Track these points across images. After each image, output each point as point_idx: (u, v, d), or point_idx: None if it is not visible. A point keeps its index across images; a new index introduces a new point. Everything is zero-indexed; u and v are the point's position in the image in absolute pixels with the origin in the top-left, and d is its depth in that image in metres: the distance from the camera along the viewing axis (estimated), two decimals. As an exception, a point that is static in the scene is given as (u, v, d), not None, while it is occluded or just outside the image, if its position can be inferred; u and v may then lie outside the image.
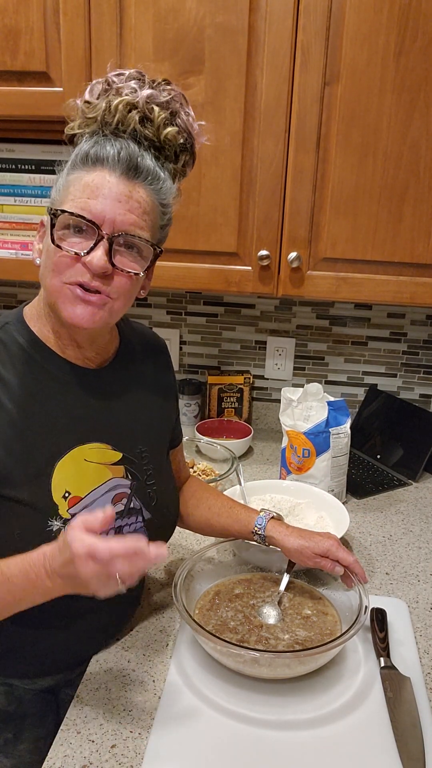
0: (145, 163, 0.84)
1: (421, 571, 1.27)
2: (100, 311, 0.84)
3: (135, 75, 0.87)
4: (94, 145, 0.83)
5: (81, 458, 0.89)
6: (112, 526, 0.91)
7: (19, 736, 0.95)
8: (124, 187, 0.82)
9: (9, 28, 1.34)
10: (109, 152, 0.82)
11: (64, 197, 0.84)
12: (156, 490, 0.98)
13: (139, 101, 0.84)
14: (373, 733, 0.87)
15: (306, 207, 1.39)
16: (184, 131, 0.89)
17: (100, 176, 0.82)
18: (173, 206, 0.91)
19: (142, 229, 0.84)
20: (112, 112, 0.84)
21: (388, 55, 1.27)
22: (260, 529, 1.05)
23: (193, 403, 1.90)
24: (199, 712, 0.89)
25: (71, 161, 0.85)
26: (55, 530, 0.85)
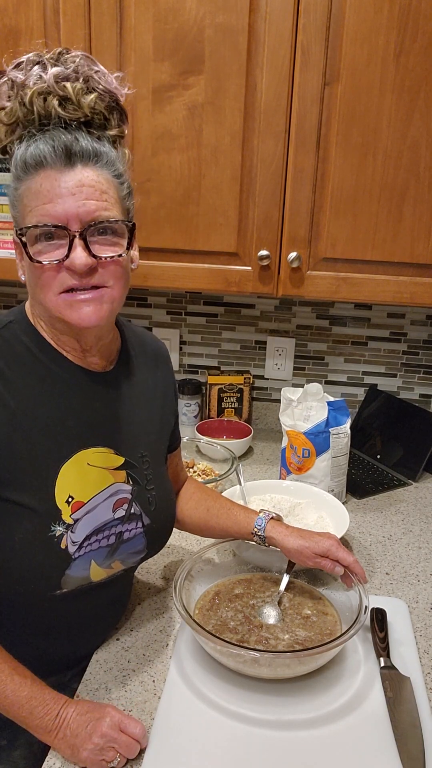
0: (80, 145, 0.80)
1: (421, 571, 1.27)
2: (102, 305, 0.84)
3: (33, 59, 0.83)
4: (27, 149, 0.80)
5: (84, 462, 0.89)
6: (114, 533, 0.91)
7: (14, 742, 0.94)
8: (71, 178, 0.79)
9: (9, 28, 1.34)
10: (44, 150, 0.79)
11: (23, 212, 0.82)
12: (155, 495, 0.98)
13: (49, 85, 0.80)
14: (373, 733, 0.87)
15: (306, 207, 1.39)
16: (104, 92, 0.84)
17: (46, 177, 0.79)
18: (127, 172, 0.88)
19: (107, 210, 0.82)
20: (28, 107, 0.80)
21: (388, 55, 1.27)
22: (260, 530, 1.05)
23: (193, 403, 1.90)
24: (199, 712, 0.89)
25: (13, 174, 0.82)
26: (57, 536, 0.85)
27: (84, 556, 0.87)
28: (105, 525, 0.90)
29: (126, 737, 0.81)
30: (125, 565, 0.94)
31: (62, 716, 0.82)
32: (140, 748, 0.82)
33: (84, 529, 0.87)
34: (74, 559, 0.86)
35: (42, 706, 0.82)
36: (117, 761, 0.80)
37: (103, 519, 0.90)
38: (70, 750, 0.80)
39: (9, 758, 0.95)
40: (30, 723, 0.82)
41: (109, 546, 0.90)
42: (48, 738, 0.82)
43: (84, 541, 0.87)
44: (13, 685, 0.82)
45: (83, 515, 0.87)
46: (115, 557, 0.92)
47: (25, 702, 0.81)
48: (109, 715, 0.82)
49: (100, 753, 0.79)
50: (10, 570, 0.84)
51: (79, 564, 0.87)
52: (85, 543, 0.87)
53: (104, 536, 0.90)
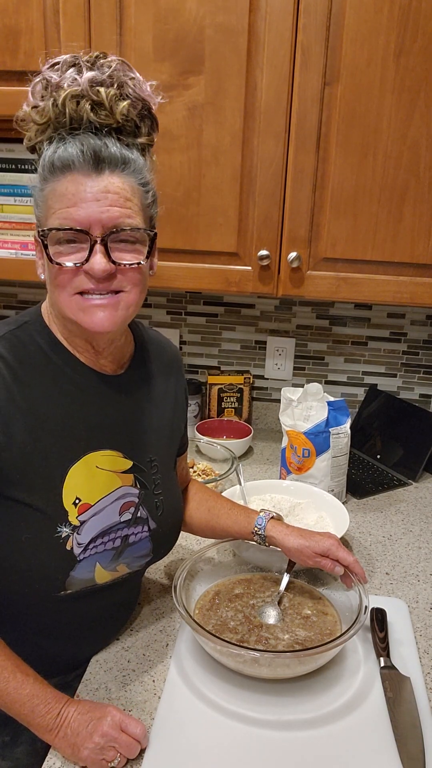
0: (109, 151, 0.80)
1: (421, 571, 1.27)
2: (117, 311, 0.84)
3: (70, 61, 0.83)
4: (56, 151, 0.81)
5: (93, 464, 0.89)
6: (119, 536, 0.92)
7: (17, 738, 0.95)
8: (97, 183, 0.80)
9: (9, 28, 1.34)
10: (72, 154, 0.79)
11: (47, 213, 0.82)
12: (163, 500, 0.98)
13: (83, 88, 0.80)
14: (373, 733, 0.87)
15: (306, 207, 1.39)
16: (137, 99, 0.85)
17: (72, 181, 0.79)
18: (153, 180, 0.89)
19: (130, 217, 0.82)
20: (60, 109, 0.80)
21: (388, 55, 1.27)
22: (260, 530, 1.05)
23: (193, 403, 1.90)
24: (199, 712, 0.89)
25: (40, 174, 0.83)
26: (63, 537, 0.85)
27: (89, 558, 0.87)
28: (111, 528, 0.90)
29: (127, 737, 0.81)
30: (130, 568, 0.94)
31: (63, 715, 0.82)
32: (141, 748, 0.82)
33: (90, 531, 0.87)
34: (79, 561, 0.86)
35: (44, 704, 0.82)
36: (117, 761, 0.80)
37: (109, 522, 0.90)
38: (70, 749, 0.80)
39: (11, 755, 0.95)
40: (31, 721, 0.82)
41: (114, 549, 0.90)
42: (49, 737, 0.82)
43: (90, 543, 0.87)
44: (16, 683, 0.82)
45: (90, 517, 0.87)
46: (120, 560, 0.92)
47: (26, 700, 0.82)
48: (110, 715, 0.82)
49: (100, 752, 0.79)
50: (15, 569, 0.84)
51: (84, 566, 0.87)
52: (91, 545, 0.87)
53: (110, 539, 0.90)
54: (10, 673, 0.83)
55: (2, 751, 0.95)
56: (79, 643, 0.99)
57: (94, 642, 1.01)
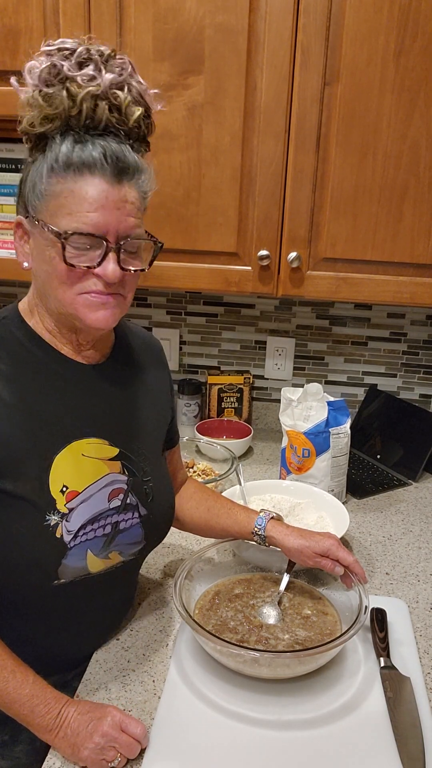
0: (128, 161, 0.82)
1: (421, 571, 1.27)
2: (116, 309, 0.87)
3: (83, 53, 0.80)
4: (74, 149, 0.80)
5: (78, 453, 0.90)
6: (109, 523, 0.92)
7: (16, 737, 0.95)
8: (118, 192, 0.81)
9: (9, 28, 1.34)
10: (95, 156, 0.79)
11: (56, 210, 0.81)
12: (152, 487, 0.98)
13: (104, 91, 0.80)
14: (373, 733, 0.87)
15: (306, 207, 1.39)
16: (144, 105, 0.85)
17: (93, 185, 0.80)
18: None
19: (139, 227, 0.85)
20: (77, 105, 0.79)
21: (388, 55, 1.27)
22: (260, 530, 1.05)
23: (193, 403, 1.90)
24: (199, 712, 0.89)
25: (49, 165, 0.81)
26: (52, 525, 0.85)
27: (80, 546, 0.87)
28: (100, 514, 0.90)
29: (127, 737, 0.81)
30: (123, 556, 0.94)
31: (63, 715, 0.82)
32: (141, 748, 0.82)
33: (79, 518, 0.88)
34: (70, 548, 0.86)
35: (43, 704, 0.82)
36: (117, 761, 0.80)
37: (98, 509, 0.90)
38: (70, 749, 0.80)
39: (11, 754, 0.95)
40: (31, 721, 0.82)
41: (105, 536, 0.91)
42: (49, 737, 0.82)
43: (79, 530, 0.88)
44: (15, 683, 0.82)
45: (78, 504, 0.88)
46: (111, 548, 0.92)
47: (26, 700, 0.82)
48: (110, 715, 0.82)
49: (100, 752, 0.79)
50: (7, 561, 0.84)
51: (75, 553, 0.87)
52: (81, 532, 0.88)
53: (100, 526, 0.90)
54: (9, 672, 0.83)
55: (1, 750, 0.95)
56: (77, 640, 0.99)
57: (92, 638, 1.01)
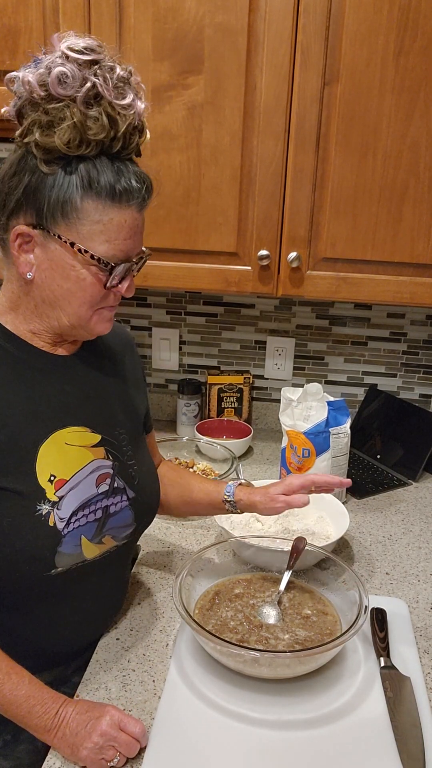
0: (148, 189, 0.86)
1: (421, 571, 1.27)
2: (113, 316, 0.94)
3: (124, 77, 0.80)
4: (117, 178, 0.82)
5: (62, 442, 0.91)
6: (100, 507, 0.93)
7: (18, 737, 0.95)
8: (139, 219, 0.87)
9: (8, 27, 1.34)
10: (134, 186, 0.84)
11: (90, 232, 0.83)
12: (137, 470, 1.00)
13: (139, 120, 0.84)
14: (373, 733, 0.87)
15: (306, 207, 1.39)
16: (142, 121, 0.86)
17: (129, 215, 0.84)
18: None
19: (142, 244, 0.90)
20: (119, 138, 0.81)
21: (388, 55, 1.27)
22: (229, 496, 1.10)
23: (193, 403, 1.90)
24: (199, 712, 0.89)
25: (85, 187, 0.81)
26: (44, 514, 0.86)
27: (73, 532, 0.88)
28: (90, 500, 0.92)
29: (126, 736, 0.81)
30: (116, 540, 0.96)
31: (61, 715, 0.82)
32: (140, 747, 0.82)
33: (70, 505, 0.89)
34: (64, 536, 0.87)
35: (41, 705, 0.82)
36: (116, 760, 0.80)
37: (87, 494, 0.91)
38: (69, 749, 0.80)
39: (13, 754, 0.95)
40: (29, 722, 0.82)
41: (96, 520, 0.92)
42: (47, 737, 0.82)
43: (71, 517, 0.89)
44: (11, 684, 0.82)
45: (67, 492, 0.89)
46: (104, 532, 0.93)
47: (23, 701, 0.82)
48: (109, 714, 0.82)
49: (99, 752, 0.80)
50: (3, 555, 0.85)
51: (70, 540, 0.88)
52: (73, 519, 0.89)
53: (90, 511, 0.91)
54: (4, 674, 0.83)
55: (3, 750, 0.95)
56: (76, 629, 0.99)
57: (91, 627, 1.01)
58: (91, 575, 0.94)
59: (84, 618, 0.99)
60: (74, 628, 0.98)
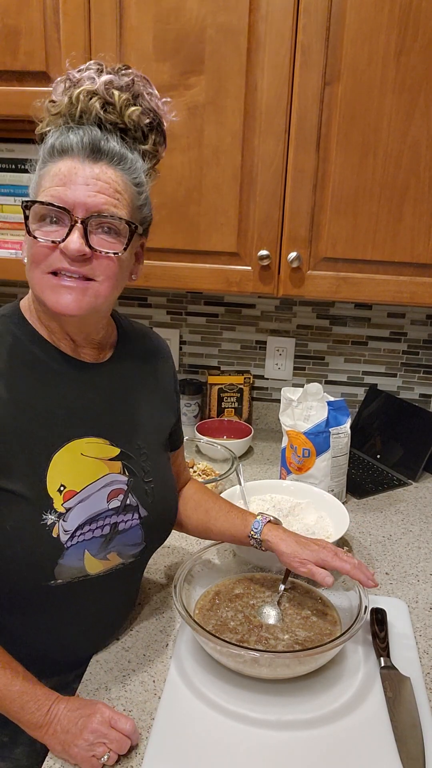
0: (108, 145, 0.84)
1: (421, 571, 1.27)
2: (85, 297, 0.84)
3: (94, 66, 0.88)
4: (58, 137, 0.85)
5: (78, 452, 0.89)
6: (108, 524, 0.92)
7: (16, 739, 0.95)
8: (90, 169, 0.83)
9: (9, 28, 1.34)
10: (73, 140, 0.83)
11: (37, 191, 0.86)
12: (153, 488, 0.98)
13: (99, 88, 0.85)
14: (373, 733, 0.87)
15: (306, 207, 1.39)
16: (149, 111, 0.90)
17: (66, 164, 0.83)
18: (148, 185, 0.92)
19: (116, 207, 0.84)
20: (74, 103, 0.85)
21: (389, 54, 1.27)
22: (256, 533, 1.03)
23: (193, 403, 1.90)
24: (199, 712, 0.89)
25: (41, 158, 0.87)
26: (49, 524, 0.85)
27: (77, 546, 0.87)
28: (99, 515, 0.90)
29: (116, 733, 0.81)
30: (123, 558, 0.94)
31: (53, 712, 0.82)
32: (131, 744, 0.83)
33: (76, 518, 0.87)
34: (67, 548, 0.86)
35: (33, 701, 0.82)
36: (107, 757, 0.80)
37: (96, 509, 0.90)
38: (60, 746, 0.81)
39: (11, 755, 0.95)
40: (21, 718, 0.82)
41: (103, 536, 0.90)
42: (38, 733, 0.82)
43: (76, 530, 0.87)
44: (5, 680, 0.83)
45: (76, 504, 0.88)
46: (110, 548, 0.92)
47: (16, 697, 0.82)
48: (100, 712, 0.82)
49: (90, 749, 0.80)
50: (3, 559, 0.84)
51: (72, 553, 0.87)
52: (78, 532, 0.87)
53: (98, 526, 0.90)
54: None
55: (1, 752, 0.95)
56: (78, 641, 0.98)
57: (93, 641, 1.01)
58: (94, 590, 0.92)
59: (84, 631, 0.98)
60: (74, 639, 0.98)
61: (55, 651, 0.96)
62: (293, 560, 0.99)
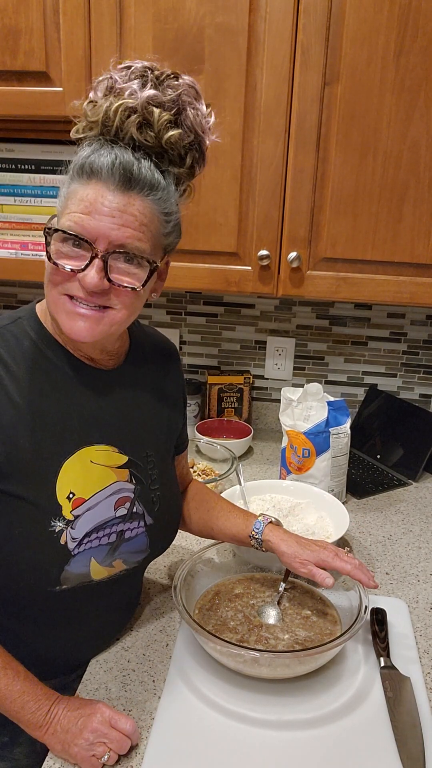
0: (141, 173, 0.80)
1: (421, 571, 1.27)
2: (99, 325, 0.83)
3: (140, 71, 0.82)
4: (90, 154, 0.80)
5: (87, 459, 0.89)
6: (114, 531, 0.91)
7: (16, 739, 0.95)
8: (119, 200, 0.79)
9: (9, 28, 1.34)
10: (104, 163, 0.79)
11: (62, 211, 0.82)
12: (159, 496, 0.98)
13: (138, 105, 0.80)
14: (373, 733, 0.87)
15: (306, 207, 1.39)
16: (190, 130, 0.84)
17: (95, 190, 0.79)
18: (178, 211, 0.87)
19: (140, 241, 0.81)
20: (111, 116, 0.80)
21: (388, 54, 1.27)
22: (257, 534, 1.03)
23: (193, 403, 1.90)
24: (199, 712, 0.89)
25: (71, 170, 0.83)
26: (57, 531, 0.85)
27: (83, 553, 0.87)
28: (106, 523, 0.90)
29: (116, 733, 0.81)
30: (127, 564, 0.94)
31: (53, 712, 0.82)
32: (131, 744, 0.83)
33: (84, 525, 0.87)
34: (74, 556, 0.86)
35: (34, 701, 0.82)
36: (107, 757, 0.80)
37: (104, 517, 0.90)
38: (60, 745, 0.81)
39: (11, 755, 0.95)
40: (21, 717, 0.82)
41: (109, 544, 0.90)
42: (38, 733, 0.82)
43: (84, 538, 0.87)
44: (6, 680, 0.83)
45: (84, 512, 0.88)
46: (116, 556, 0.92)
47: (17, 696, 0.82)
48: (100, 711, 0.82)
49: (90, 748, 0.80)
50: (9, 564, 0.84)
51: (79, 560, 0.87)
52: (85, 540, 0.87)
53: (105, 534, 0.90)
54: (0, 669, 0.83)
55: (1, 751, 0.95)
56: (79, 644, 0.98)
57: (94, 643, 1.01)
58: (98, 595, 0.93)
59: (87, 635, 0.98)
60: (77, 642, 0.98)
61: (56, 653, 0.97)
62: (294, 561, 1.00)
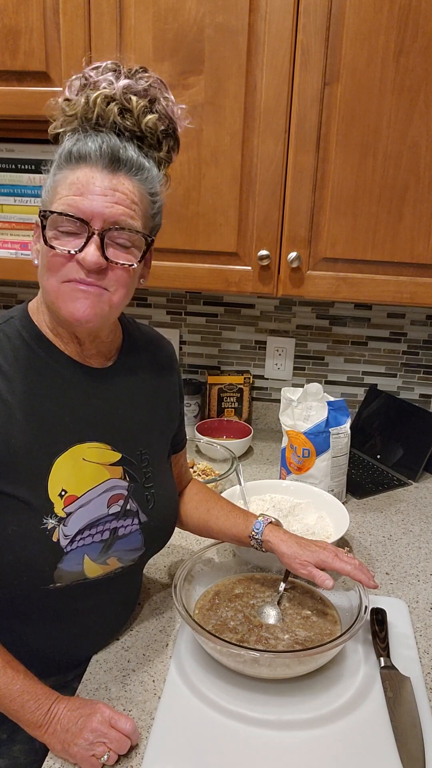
0: (127, 154, 0.84)
1: (421, 571, 1.27)
2: (99, 304, 0.84)
3: (111, 66, 0.87)
4: (76, 143, 0.83)
5: (79, 457, 0.89)
6: (108, 529, 0.92)
7: (14, 737, 0.95)
8: (108, 180, 0.82)
9: (9, 28, 1.34)
10: (91, 148, 0.82)
11: (53, 198, 0.84)
12: (154, 493, 0.98)
13: (117, 93, 0.84)
14: (373, 733, 0.87)
15: (306, 207, 1.39)
16: (165, 117, 0.89)
17: (85, 173, 0.82)
18: (162, 193, 0.91)
19: (132, 218, 0.84)
20: (91, 107, 0.84)
21: (388, 55, 1.27)
22: (257, 534, 1.03)
23: (193, 403, 1.90)
24: (199, 712, 0.89)
25: (56, 161, 0.85)
26: (49, 528, 0.85)
27: (76, 550, 0.87)
28: (99, 520, 0.90)
29: (116, 733, 0.81)
30: (122, 562, 0.94)
31: (53, 712, 0.82)
32: (131, 744, 0.83)
33: (77, 523, 0.88)
34: (66, 553, 0.86)
35: (34, 700, 0.82)
36: (107, 757, 0.80)
37: (96, 514, 0.90)
38: (60, 745, 0.81)
39: (9, 753, 0.95)
40: (21, 717, 0.82)
41: (102, 541, 0.90)
42: (38, 732, 0.82)
43: (76, 535, 0.87)
44: (6, 679, 0.83)
45: (76, 509, 0.88)
46: (110, 553, 0.92)
47: (17, 695, 0.82)
48: (100, 711, 0.83)
49: (90, 748, 0.80)
50: (2, 562, 0.84)
51: (72, 558, 0.87)
52: (78, 537, 0.88)
53: (98, 531, 0.90)
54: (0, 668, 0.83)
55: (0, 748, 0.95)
56: (77, 642, 0.98)
57: (92, 641, 1.01)
58: (94, 593, 0.93)
59: (84, 633, 0.98)
60: (74, 640, 0.98)
61: (55, 651, 0.97)
62: (294, 561, 1.00)
